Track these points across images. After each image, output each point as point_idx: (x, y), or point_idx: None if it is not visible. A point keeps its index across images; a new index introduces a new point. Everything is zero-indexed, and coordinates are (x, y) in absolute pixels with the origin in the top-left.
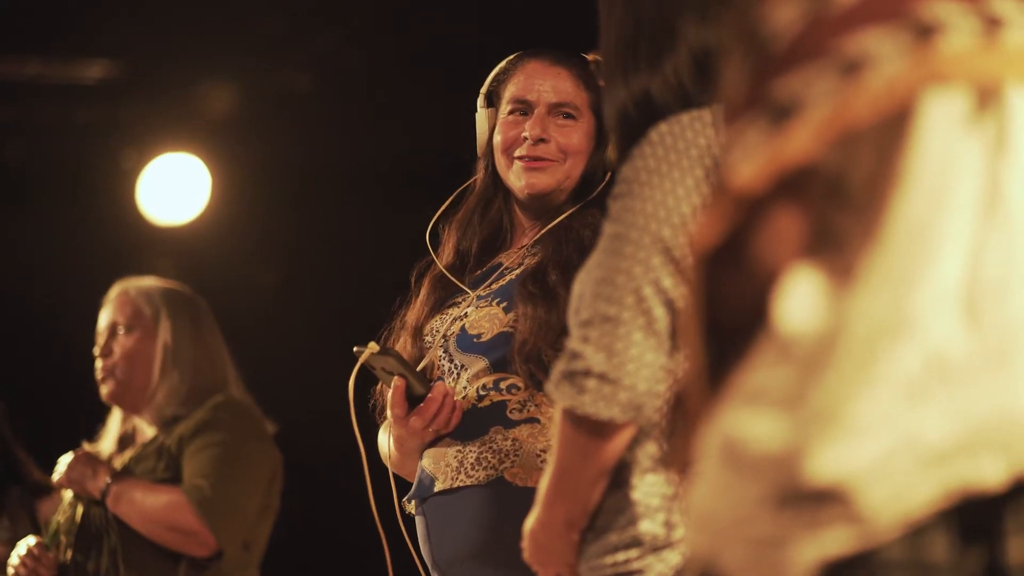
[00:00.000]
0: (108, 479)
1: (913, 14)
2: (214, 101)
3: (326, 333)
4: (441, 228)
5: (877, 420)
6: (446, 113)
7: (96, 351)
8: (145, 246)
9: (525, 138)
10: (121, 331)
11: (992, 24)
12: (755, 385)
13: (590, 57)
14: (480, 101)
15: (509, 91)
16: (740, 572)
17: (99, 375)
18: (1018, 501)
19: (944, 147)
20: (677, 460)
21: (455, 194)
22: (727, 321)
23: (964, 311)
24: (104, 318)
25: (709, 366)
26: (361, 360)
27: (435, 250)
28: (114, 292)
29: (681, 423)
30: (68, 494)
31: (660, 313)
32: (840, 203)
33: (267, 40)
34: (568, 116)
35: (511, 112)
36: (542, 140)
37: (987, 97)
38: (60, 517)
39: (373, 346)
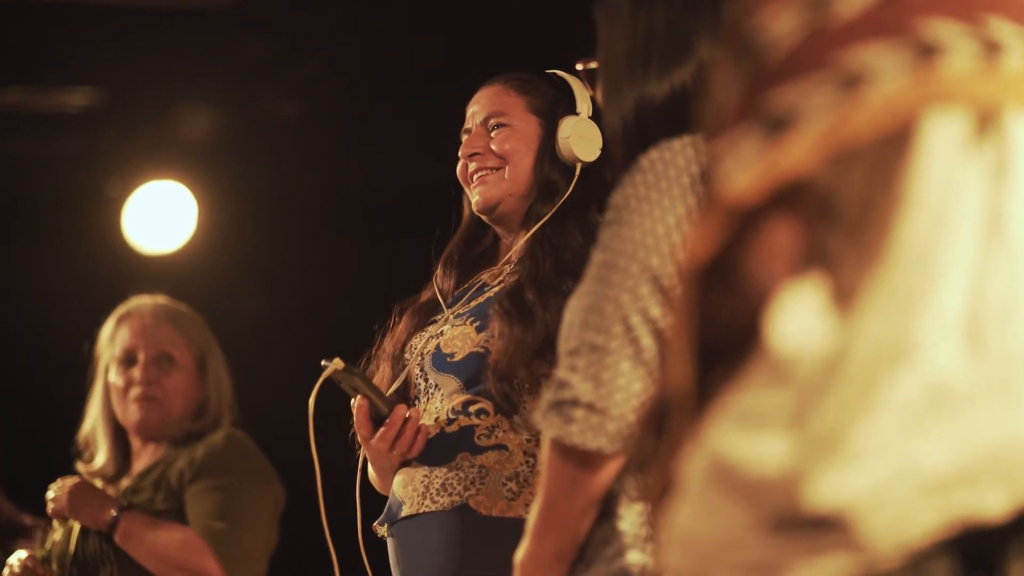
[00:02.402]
0: (115, 512)
1: (915, 32)
2: (198, 128)
3: (313, 360)
4: (433, 257)
5: (877, 447)
6: (432, 140)
7: (127, 372)
8: (132, 275)
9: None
10: (172, 364)
11: (991, 48)
12: (747, 406)
13: (579, 65)
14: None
15: None
16: None
17: (136, 399)
18: (1020, 532)
19: (945, 170)
20: (653, 487)
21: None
22: (715, 340)
23: (966, 339)
24: (143, 341)
25: (696, 386)
26: (324, 375)
27: (426, 279)
28: (151, 315)
29: (657, 447)
30: (56, 523)
31: (648, 343)
32: (829, 222)
33: (252, 66)
34: (500, 125)
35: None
36: (476, 154)
37: (986, 122)
38: (48, 545)
39: (338, 362)
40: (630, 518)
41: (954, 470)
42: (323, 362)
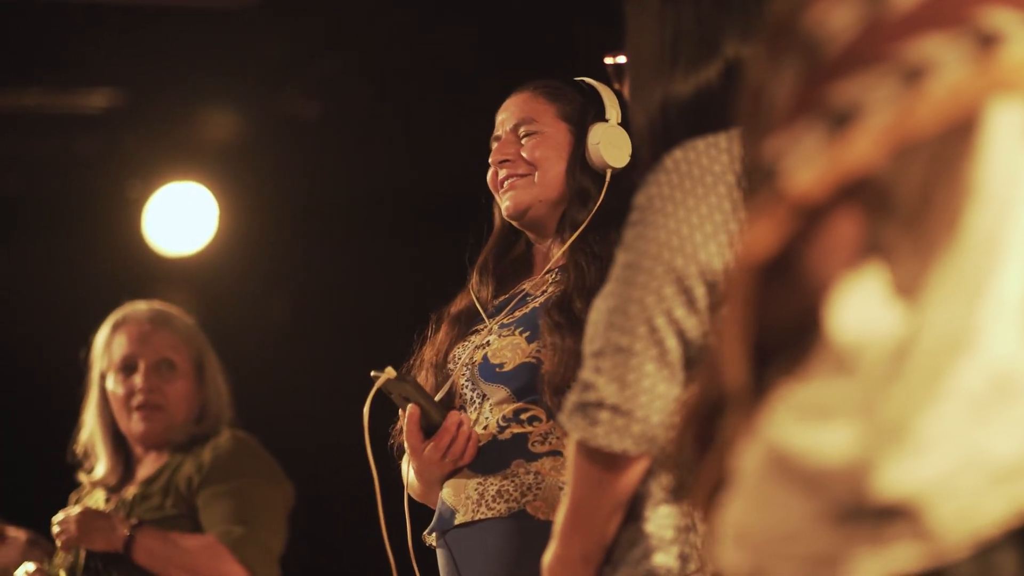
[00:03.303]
0: (127, 531)
1: (974, 21)
2: (219, 128)
3: (336, 363)
4: (466, 261)
5: (943, 437)
6: (456, 140)
7: (128, 380)
8: (152, 277)
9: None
10: (173, 370)
11: None
12: (808, 397)
13: (607, 59)
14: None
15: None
16: None
17: (140, 408)
18: None
19: (1009, 159)
20: (700, 486)
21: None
22: (771, 334)
23: None
24: (143, 348)
25: (750, 382)
26: (377, 385)
27: (462, 285)
28: (148, 321)
29: (700, 449)
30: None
31: (672, 344)
32: (886, 213)
33: (272, 66)
34: (530, 132)
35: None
36: (506, 161)
37: None
38: (59, 560)
39: (390, 371)
40: (656, 520)
41: (1020, 458)
42: (373, 373)
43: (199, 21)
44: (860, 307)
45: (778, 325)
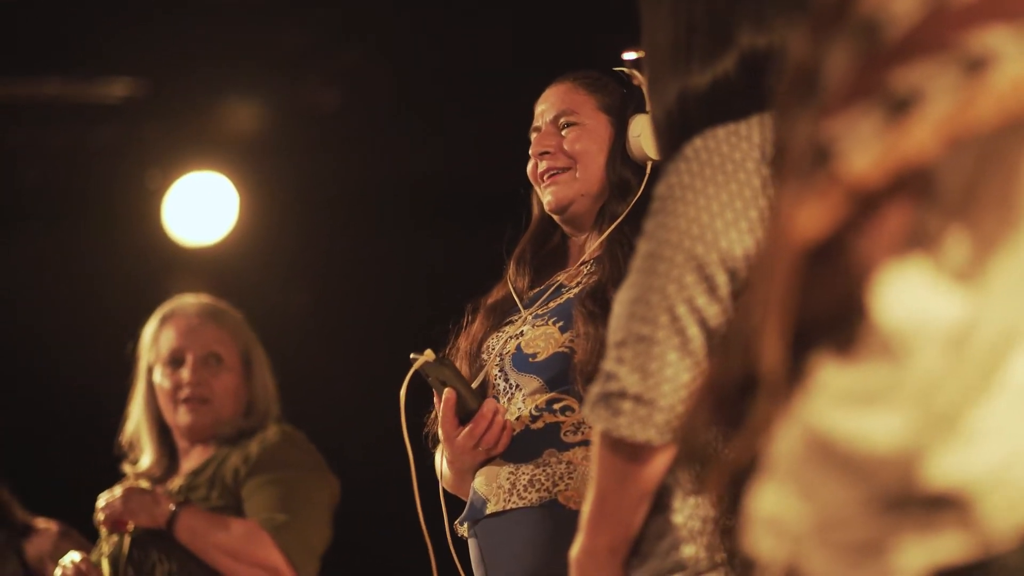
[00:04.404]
0: (173, 507)
1: None
2: (240, 118)
3: (356, 354)
4: (504, 251)
5: (993, 429)
6: (478, 129)
7: (175, 373)
8: (173, 268)
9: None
10: (220, 364)
11: None
12: (853, 383)
13: (626, 55)
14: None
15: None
16: None
17: (185, 400)
18: None
19: None
20: (719, 471)
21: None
22: (811, 319)
23: None
24: (190, 342)
25: (787, 366)
26: (415, 367)
27: (483, 275)
28: (196, 315)
29: (718, 430)
30: (106, 534)
31: (694, 332)
32: (930, 202)
33: (293, 55)
34: (570, 124)
35: (531, 142)
36: (546, 153)
37: None
38: (103, 550)
39: (429, 354)
40: (685, 511)
41: None
42: (412, 355)
43: (219, 9)
44: (908, 294)
45: (821, 309)
